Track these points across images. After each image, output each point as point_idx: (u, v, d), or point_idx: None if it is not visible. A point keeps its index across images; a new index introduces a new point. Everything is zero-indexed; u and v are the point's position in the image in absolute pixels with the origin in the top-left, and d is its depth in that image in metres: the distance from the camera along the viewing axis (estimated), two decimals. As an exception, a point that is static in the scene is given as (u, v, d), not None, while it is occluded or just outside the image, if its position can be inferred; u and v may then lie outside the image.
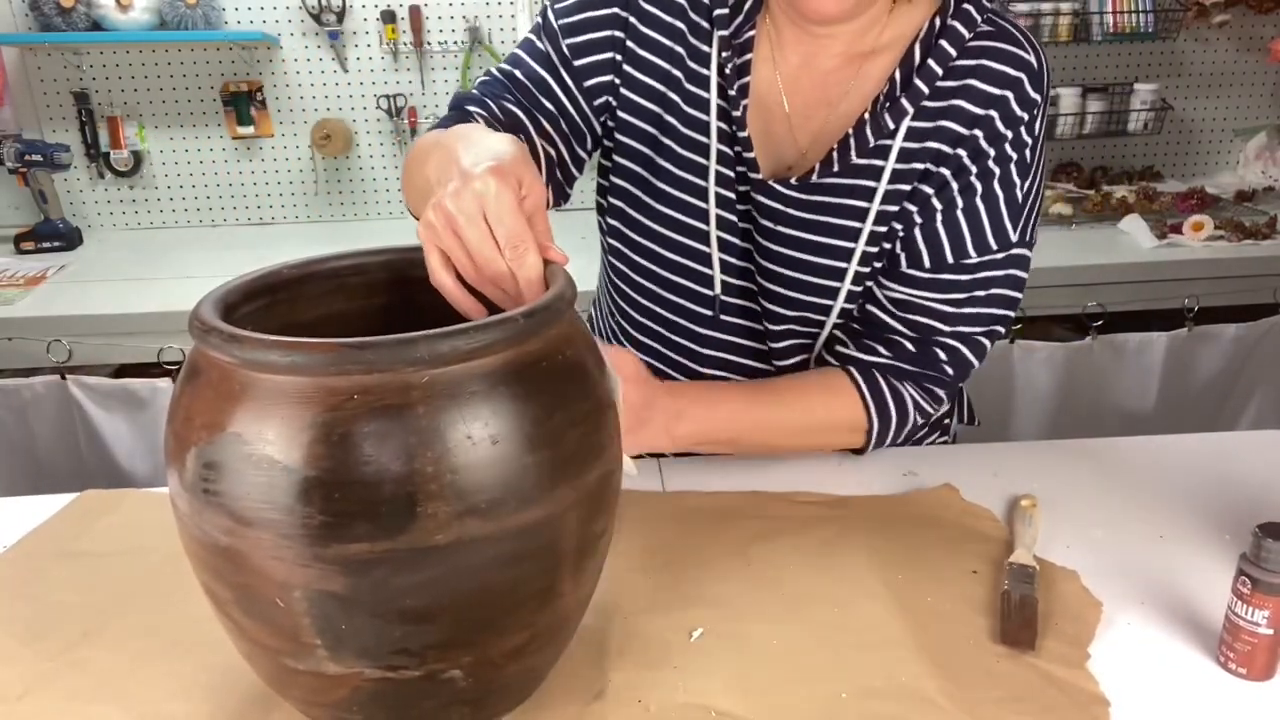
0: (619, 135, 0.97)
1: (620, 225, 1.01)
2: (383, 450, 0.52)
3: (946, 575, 0.82)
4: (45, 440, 1.90)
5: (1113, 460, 1.01)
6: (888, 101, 0.89)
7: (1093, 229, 2.33)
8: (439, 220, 0.62)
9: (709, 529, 0.88)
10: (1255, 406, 2.16)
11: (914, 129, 0.89)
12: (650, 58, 0.94)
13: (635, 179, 0.98)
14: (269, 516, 0.53)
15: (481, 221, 0.61)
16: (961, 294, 0.92)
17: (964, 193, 0.89)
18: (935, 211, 0.90)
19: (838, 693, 0.68)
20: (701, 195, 0.95)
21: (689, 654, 0.73)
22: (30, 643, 0.74)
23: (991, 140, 0.88)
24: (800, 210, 0.92)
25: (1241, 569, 0.68)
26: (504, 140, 0.68)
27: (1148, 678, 0.70)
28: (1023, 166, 0.89)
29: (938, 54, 0.87)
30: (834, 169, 0.91)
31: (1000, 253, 0.91)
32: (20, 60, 2.40)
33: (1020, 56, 0.87)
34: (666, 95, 0.94)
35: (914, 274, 0.92)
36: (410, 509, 0.52)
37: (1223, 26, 2.57)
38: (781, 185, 0.92)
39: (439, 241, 0.63)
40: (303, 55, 2.47)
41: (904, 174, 0.90)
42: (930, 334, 0.94)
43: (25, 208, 2.45)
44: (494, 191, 0.61)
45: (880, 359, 0.95)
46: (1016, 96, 0.87)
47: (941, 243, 0.91)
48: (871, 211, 0.91)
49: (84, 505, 0.94)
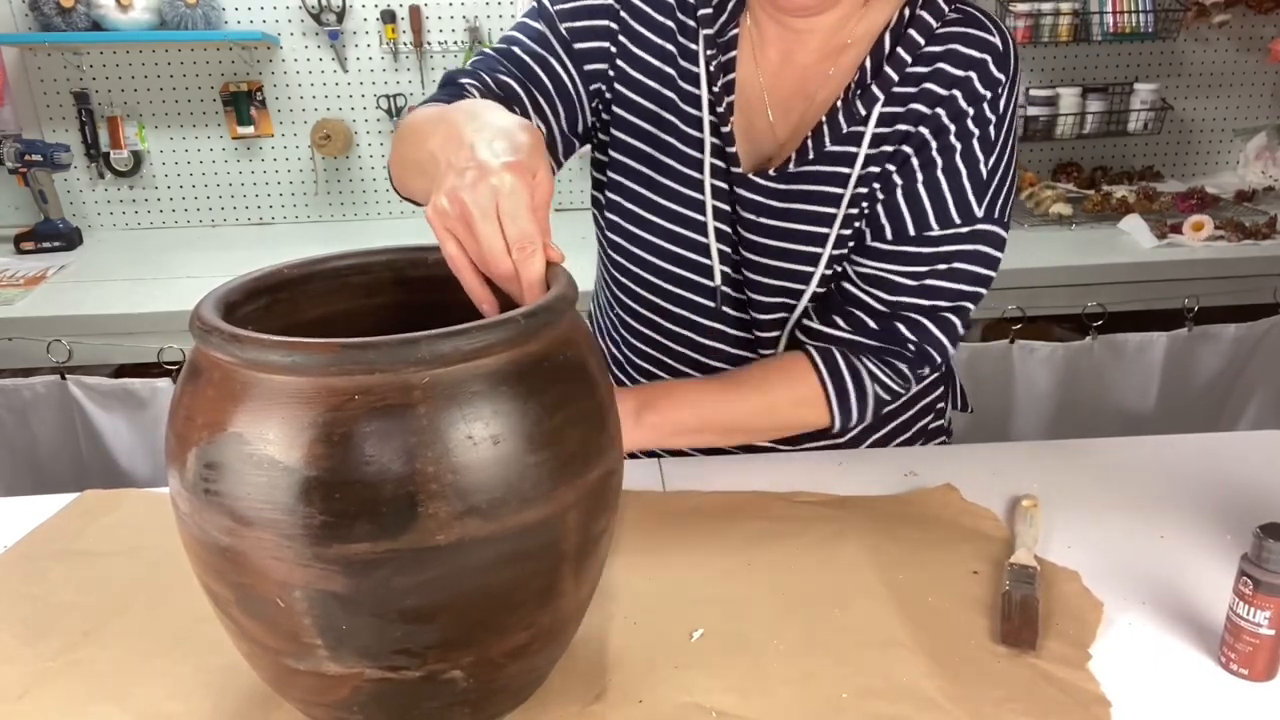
0: (615, 131, 0.99)
1: (620, 220, 1.02)
2: (384, 450, 0.52)
3: (947, 575, 0.82)
4: (45, 440, 1.90)
5: (1113, 460, 1.01)
6: (859, 89, 0.91)
7: (1093, 229, 2.33)
8: (454, 210, 0.62)
9: (710, 529, 0.88)
10: (1255, 406, 2.16)
11: (885, 114, 0.91)
12: (645, 55, 0.96)
13: (635, 175, 0.99)
14: (269, 516, 0.53)
15: (495, 218, 0.61)
16: (923, 266, 0.93)
17: (925, 167, 0.91)
18: (896, 186, 0.92)
19: (838, 693, 0.68)
20: (698, 188, 0.97)
21: (690, 654, 0.73)
22: (31, 642, 0.74)
23: (954, 117, 0.90)
24: (778, 200, 0.94)
25: (1243, 570, 0.68)
26: (519, 126, 0.67)
27: (1148, 678, 0.70)
28: (986, 143, 0.91)
29: (907, 43, 0.90)
30: (809, 157, 0.93)
31: (964, 226, 0.92)
32: (20, 60, 2.40)
33: (985, 39, 0.90)
34: (663, 93, 0.97)
35: (877, 246, 0.94)
36: (411, 509, 0.52)
37: (1223, 26, 2.57)
38: (760, 177, 0.94)
39: (451, 229, 0.63)
40: (303, 55, 2.47)
41: (875, 158, 0.92)
42: (893, 309, 0.94)
43: (25, 208, 2.45)
44: (510, 188, 0.61)
45: (841, 333, 0.96)
46: (980, 76, 0.89)
47: (903, 215, 0.92)
48: (845, 196, 0.93)
49: (84, 505, 0.94)
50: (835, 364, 0.95)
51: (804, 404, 0.95)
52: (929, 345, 0.95)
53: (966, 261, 0.93)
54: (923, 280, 0.93)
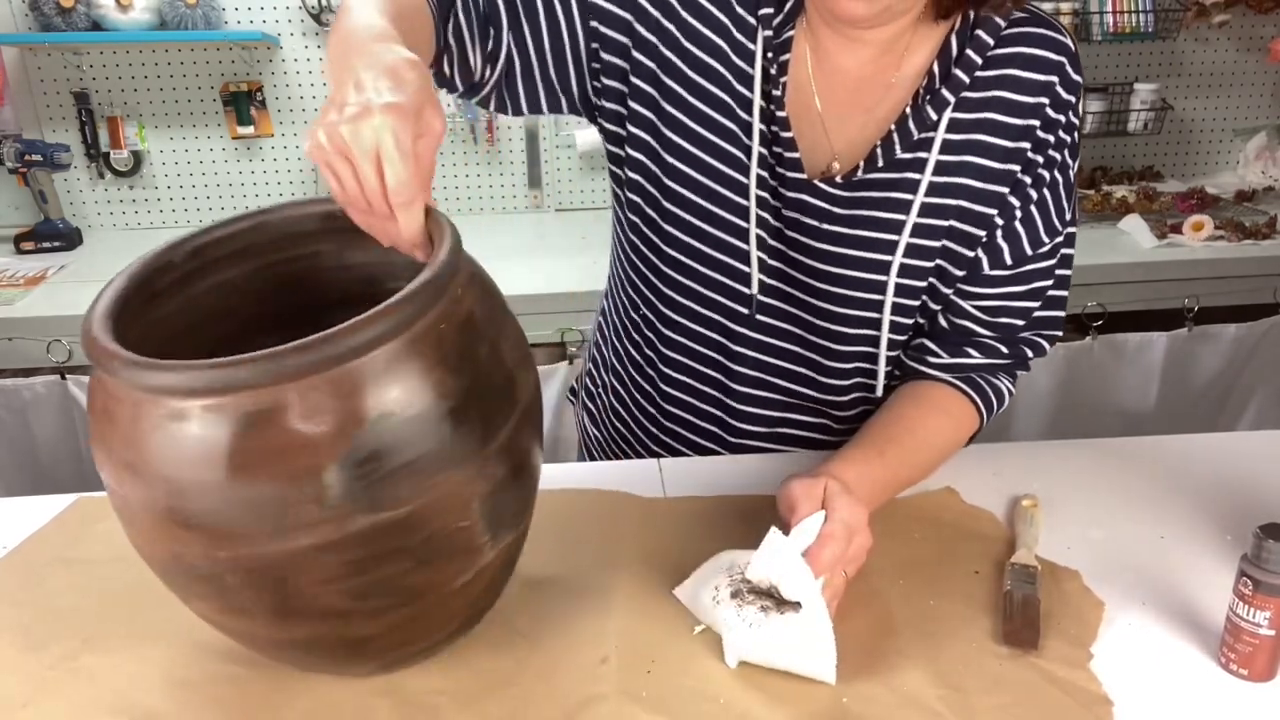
0: (662, 127, 0.93)
1: (649, 219, 0.98)
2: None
3: (948, 576, 0.82)
4: (45, 440, 1.90)
5: (1113, 460, 1.01)
6: (928, 94, 0.89)
7: (1093, 229, 2.32)
8: (331, 145, 0.61)
9: (710, 531, 0.88)
10: (1255, 406, 2.16)
11: (956, 120, 0.89)
12: (695, 50, 0.91)
13: (673, 172, 0.94)
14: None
15: (374, 159, 0.60)
16: (1042, 282, 0.95)
17: (1036, 185, 0.91)
18: (1014, 209, 0.91)
19: (839, 696, 0.69)
20: (742, 192, 0.93)
21: (693, 646, 0.73)
22: (31, 651, 0.74)
23: (1047, 128, 0.89)
24: (845, 208, 0.92)
25: (1243, 570, 0.68)
26: (406, 64, 0.65)
27: (1148, 679, 0.70)
28: (1074, 149, 0.92)
29: (975, 44, 0.87)
30: (878, 164, 0.90)
31: (1063, 232, 0.94)
32: (20, 60, 2.40)
33: (1058, 40, 0.89)
34: (712, 91, 0.91)
35: (997, 274, 0.93)
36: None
37: (1223, 26, 2.57)
38: (826, 184, 0.91)
39: (332, 164, 0.62)
40: (303, 55, 2.47)
41: (949, 166, 0.90)
42: (1015, 331, 0.96)
43: (25, 208, 2.45)
44: (391, 130, 0.60)
45: (974, 361, 0.96)
46: (1061, 81, 0.88)
47: (1020, 237, 0.92)
48: (915, 204, 0.91)
49: (79, 511, 0.94)
50: (985, 393, 0.97)
51: (963, 438, 0.98)
52: (1041, 352, 0.99)
53: (1064, 266, 0.95)
54: (1041, 296, 0.95)
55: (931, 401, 0.96)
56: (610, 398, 1.15)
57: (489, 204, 2.64)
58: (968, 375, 0.97)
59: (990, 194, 0.90)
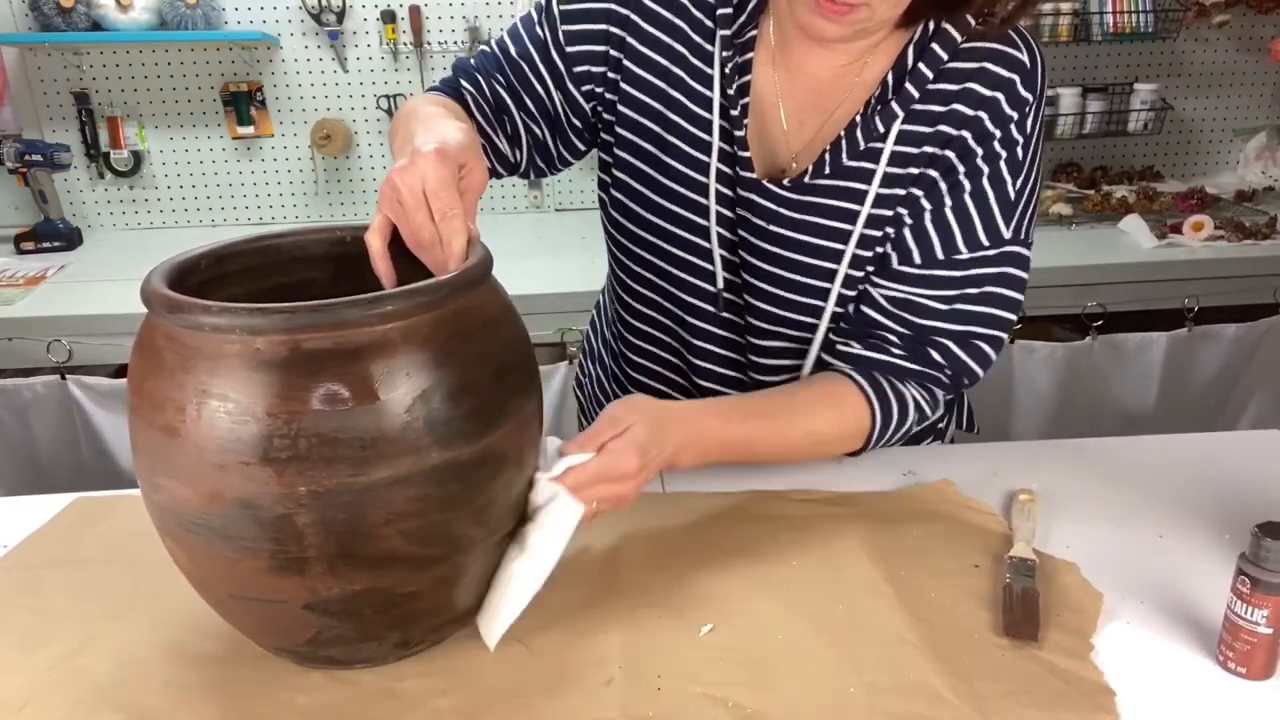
0: (620, 129, 0.98)
1: (623, 219, 1.01)
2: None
3: (948, 570, 0.82)
4: (45, 440, 1.90)
5: (1113, 460, 1.01)
6: (878, 105, 0.89)
7: (1093, 229, 2.33)
8: (387, 190, 0.72)
9: (711, 528, 0.89)
10: (1255, 406, 2.16)
11: (906, 133, 0.89)
12: (652, 55, 0.94)
13: (638, 174, 0.98)
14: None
15: (420, 193, 0.71)
16: (953, 290, 0.91)
17: (953, 191, 0.90)
18: (924, 211, 0.91)
19: (846, 687, 0.69)
20: (703, 191, 0.95)
21: (700, 647, 0.73)
22: (29, 653, 0.74)
23: (979, 139, 0.88)
24: (791, 210, 0.93)
25: (1241, 568, 0.68)
26: (457, 129, 0.78)
27: (1147, 677, 0.70)
28: (1014, 164, 0.89)
29: (929, 58, 0.88)
30: (825, 171, 0.91)
31: (992, 249, 0.91)
32: (20, 60, 2.41)
33: (1013, 57, 0.88)
34: (669, 93, 0.95)
35: (905, 270, 0.92)
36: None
37: (1223, 26, 2.57)
38: (774, 185, 0.92)
39: (385, 207, 0.73)
40: (303, 55, 2.47)
41: (896, 178, 0.90)
42: (924, 333, 0.93)
43: (25, 208, 2.45)
44: (433, 168, 0.71)
45: (881, 357, 0.94)
46: (1007, 96, 0.87)
47: (931, 240, 0.91)
48: (862, 214, 0.91)
49: (77, 512, 0.94)
50: (884, 393, 0.93)
51: (849, 433, 0.94)
52: (961, 371, 0.94)
53: (995, 285, 0.92)
54: (953, 305, 0.92)
55: (827, 390, 0.94)
56: (594, 387, 1.22)
57: (489, 204, 2.64)
58: (869, 372, 0.94)
59: (908, 195, 0.91)
